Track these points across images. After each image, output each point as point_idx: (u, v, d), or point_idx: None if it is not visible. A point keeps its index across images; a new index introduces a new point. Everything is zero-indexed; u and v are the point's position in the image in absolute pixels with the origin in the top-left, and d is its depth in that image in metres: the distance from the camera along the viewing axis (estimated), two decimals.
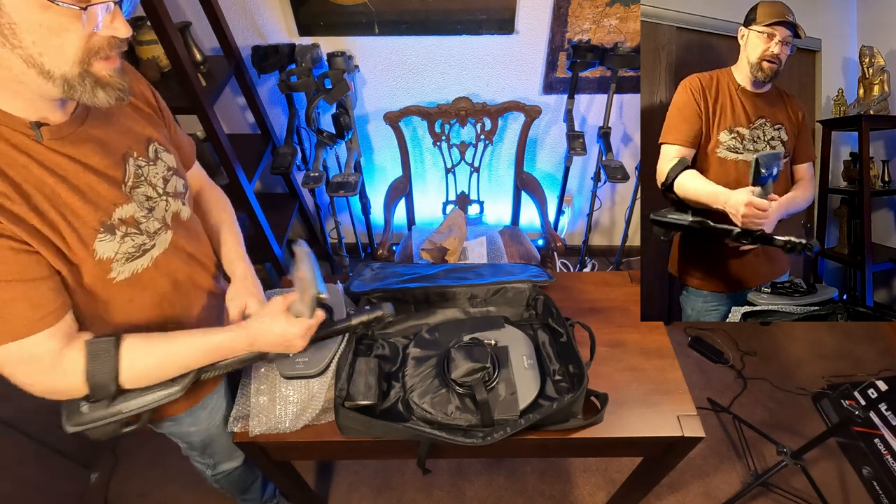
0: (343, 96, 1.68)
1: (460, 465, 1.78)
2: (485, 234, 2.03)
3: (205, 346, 0.80)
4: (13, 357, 0.67)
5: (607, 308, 1.24)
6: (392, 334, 1.16)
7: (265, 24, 1.72)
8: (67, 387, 0.73)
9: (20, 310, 0.64)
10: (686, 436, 0.99)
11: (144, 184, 0.80)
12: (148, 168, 0.81)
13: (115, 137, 0.76)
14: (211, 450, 1.16)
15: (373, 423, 0.93)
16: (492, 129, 1.94)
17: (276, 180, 2.25)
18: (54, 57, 0.58)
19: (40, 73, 0.58)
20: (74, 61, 0.59)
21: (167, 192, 0.84)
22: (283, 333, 0.82)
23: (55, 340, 0.69)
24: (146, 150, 0.81)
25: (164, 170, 0.84)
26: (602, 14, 1.68)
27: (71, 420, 0.77)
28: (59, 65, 0.58)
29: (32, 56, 0.57)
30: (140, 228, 0.78)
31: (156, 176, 0.82)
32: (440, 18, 1.69)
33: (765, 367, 2.08)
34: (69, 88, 0.61)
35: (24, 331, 0.65)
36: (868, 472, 1.68)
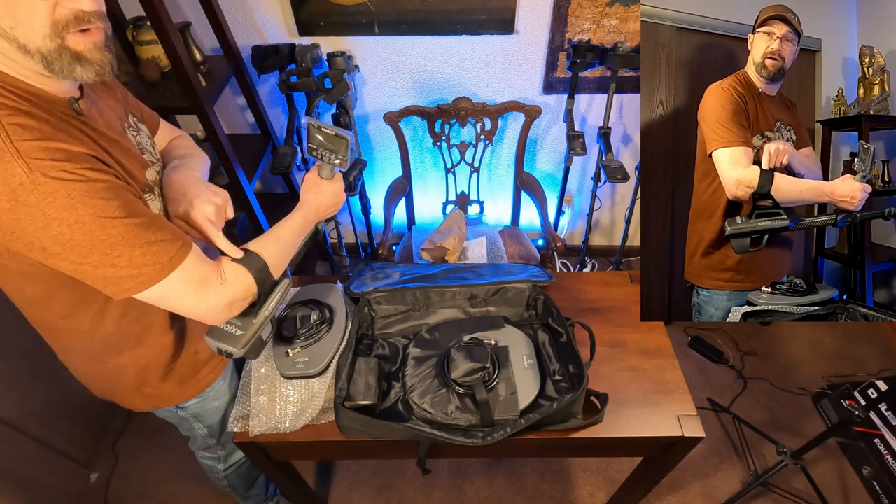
0: (343, 96, 1.68)
1: (460, 465, 1.78)
2: (485, 234, 2.03)
3: (295, 226, 0.88)
4: (180, 285, 0.69)
5: (607, 308, 1.24)
6: (392, 334, 1.16)
7: (265, 24, 1.73)
8: (236, 295, 0.75)
9: (167, 241, 0.66)
10: (686, 436, 0.99)
11: (146, 151, 0.82)
12: (140, 137, 0.83)
13: (109, 109, 0.77)
14: (226, 436, 1.17)
15: (373, 423, 0.93)
16: (492, 129, 1.94)
17: (276, 180, 2.26)
18: (26, 31, 0.57)
19: (18, 48, 0.58)
20: (45, 35, 0.58)
21: (157, 158, 0.87)
22: (333, 191, 0.93)
23: (202, 261, 0.71)
24: (129, 120, 0.83)
25: (146, 138, 0.86)
26: (602, 14, 1.68)
27: (237, 344, 0.79)
28: (31, 38, 0.58)
29: (5, 29, 0.56)
30: (158, 192, 0.81)
31: (146, 142, 0.84)
32: (440, 18, 1.69)
33: (765, 367, 2.08)
34: (48, 63, 0.60)
35: (180, 257, 0.67)
36: (868, 472, 1.68)
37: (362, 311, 1.12)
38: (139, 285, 0.65)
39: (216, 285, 0.72)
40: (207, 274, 0.71)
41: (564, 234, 2.45)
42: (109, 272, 0.63)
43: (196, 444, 1.22)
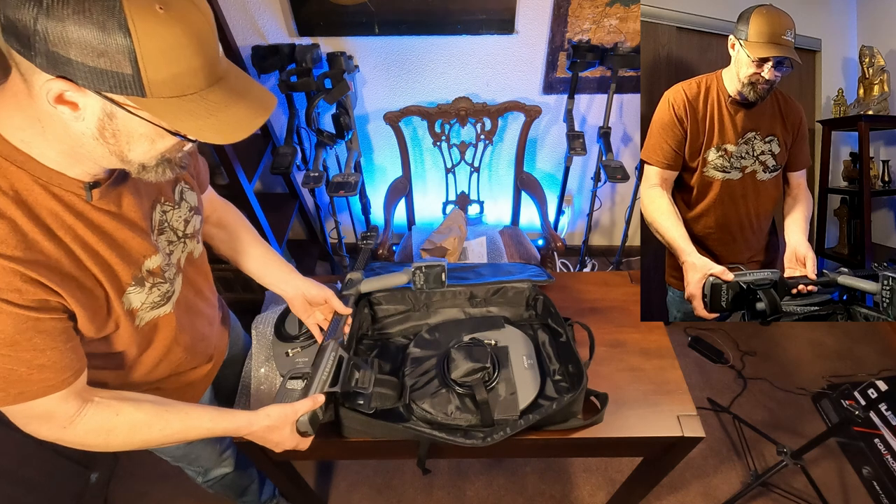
0: (343, 96, 1.68)
1: (460, 465, 1.78)
2: (485, 234, 2.03)
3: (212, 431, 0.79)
4: (19, 415, 0.67)
5: (607, 308, 1.24)
6: (392, 334, 1.16)
7: (265, 24, 1.72)
8: (75, 442, 0.72)
9: (47, 374, 0.64)
10: (686, 436, 0.99)
11: (168, 230, 0.80)
12: (172, 213, 0.80)
13: (147, 186, 0.75)
14: (198, 461, 1.16)
15: (373, 423, 0.93)
16: (492, 129, 1.94)
17: (276, 180, 2.25)
18: (141, 154, 0.60)
19: (121, 160, 0.60)
20: (157, 157, 0.61)
21: (186, 234, 0.84)
22: (279, 442, 0.83)
23: (64, 400, 0.68)
24: (173, 192, 0.81)
25: (187, 211, 0.84)
26: (602, 14, 1.68)
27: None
28: (141, 157, 0.60)
29: (122, 151, 0.58)
30: (164, 277, 0.78)
31: (178, 220, 0.82)
32: (440, 18, 1.69)
33: (765, 367, 2.08)
34: (142, 170, 0.62)
35: (32, 394, 0.65)
36: (868, 472, 1.68)
37: (362, 312, 1.12)
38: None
39: (57, 427, 0.69)
40: (55, 413, 0.68)
41: (564, 234, 2.45)
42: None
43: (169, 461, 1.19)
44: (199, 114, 0.54)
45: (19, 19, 0.47)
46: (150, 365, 0.85)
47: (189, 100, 0.53)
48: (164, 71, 0.50)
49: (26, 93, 0.53)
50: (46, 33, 0.47)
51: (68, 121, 0.54)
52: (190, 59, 0.52)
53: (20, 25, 0.47)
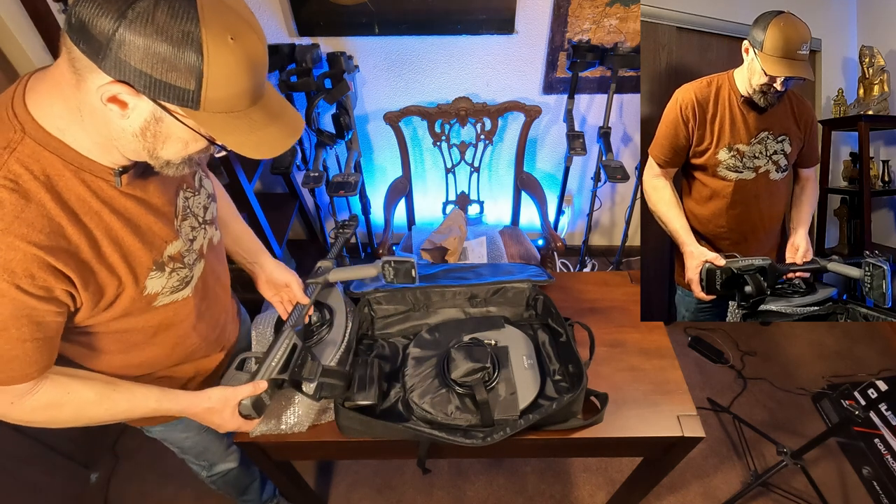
0: (343, 96, 1.68)
1: (460, 465, 1.78)
2: (485, 234, 2.03)
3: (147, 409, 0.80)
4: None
5: (607, 308, 1.24)
6: (392, 334, 1.16)
7: (265, 24, 1.72)
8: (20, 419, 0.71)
9: (14, 365, 0.65)
10: (686, 436, 0.99)
11: (190, 216, 0.81)
12: (193, 199, 0.82)
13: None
14: (205, 454, 1.17)
15: (373, 423, 0.93)
16: (492, 129, 1.94)
17: (276, 180, 2.25)
18: (172, 153, 0.63)
19: (150, 156, 0.63)
20: (185, 157, 0.65)
21: (206, 220, 0.86)
22: (220, 424, 0.85)
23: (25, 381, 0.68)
24: (194, 179, 0.83)
25: (205, 198, 0.86)
26: (602, 14, 1.68)
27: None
28: (170, 156, 0.64)
29: (156, 149, 0.62)
30: (184, 262, 0.79)
31: (198, 206, 0.84)
32: (440, 18, 1.69)
33: (765, 367, 2.08)
34: (166, 166, 0.65)
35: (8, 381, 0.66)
36: (868, 472, 1.68)
37: (362, 312, 1.12)
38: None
39: (4, 403, 0.69)
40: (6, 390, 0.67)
41: (564, 234, 2.45)
42: None
43: (177, 453, 1.20)
44: (242, 130, 0.60)
45: (97, 25, 0.50)
46: (166, 349, 0.86)
47: (235, 116, 0.59)
48: (221, 91, 0.56)
49: (74, 85, 0.56)
50: (122, 43, 0.50)
51: (113, 117, 0.57)
52: (244, 83, 0.57)
53: (96, 31, 0.50)
